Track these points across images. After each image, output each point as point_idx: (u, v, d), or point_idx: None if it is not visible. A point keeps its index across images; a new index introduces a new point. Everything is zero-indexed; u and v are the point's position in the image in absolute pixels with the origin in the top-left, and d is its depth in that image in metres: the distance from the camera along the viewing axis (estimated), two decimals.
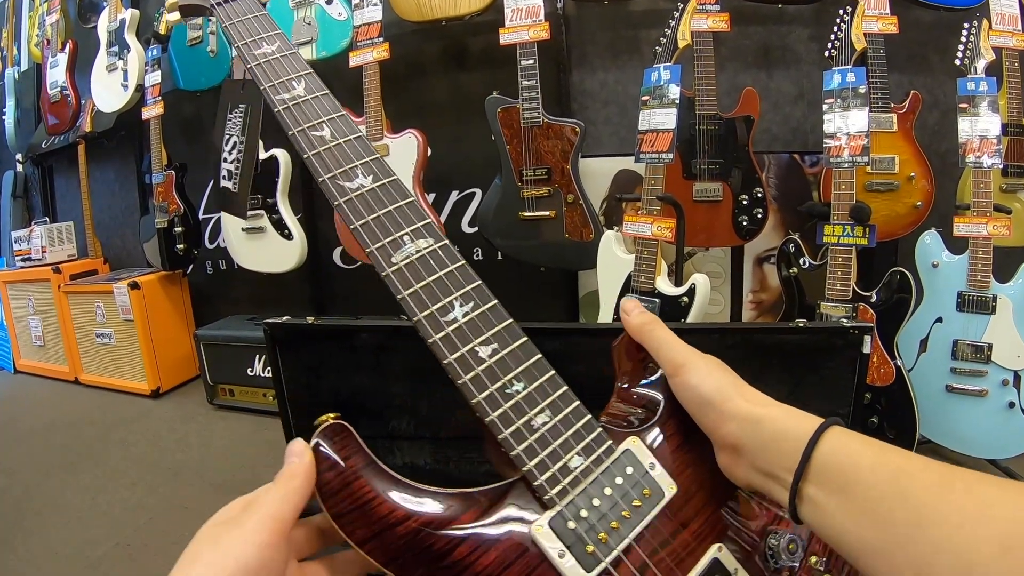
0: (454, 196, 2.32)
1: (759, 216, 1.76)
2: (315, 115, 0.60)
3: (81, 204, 3.07)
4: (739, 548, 0.50)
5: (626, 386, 0.57)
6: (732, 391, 0.49)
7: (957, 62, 1.60)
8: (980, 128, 1.53)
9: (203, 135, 2.62)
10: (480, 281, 0.55)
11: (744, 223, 1.77)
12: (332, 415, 0.53)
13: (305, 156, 0.57)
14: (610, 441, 0.51)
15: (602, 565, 0.46)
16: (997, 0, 1.69)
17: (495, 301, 0.55)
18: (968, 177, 1.58)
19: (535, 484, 0.48)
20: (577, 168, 1.83)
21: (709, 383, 0.49)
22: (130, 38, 2.56)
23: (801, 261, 1.56)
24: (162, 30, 2.45)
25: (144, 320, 2.57)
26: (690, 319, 1.47)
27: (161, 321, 2.64)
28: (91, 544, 1.52)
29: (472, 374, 0.50)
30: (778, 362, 0.91)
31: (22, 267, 3.02)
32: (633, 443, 0.52)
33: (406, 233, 0.55)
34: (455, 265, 0.55)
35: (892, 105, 1.69)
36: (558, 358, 0.92)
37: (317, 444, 0.50)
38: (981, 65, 1.57)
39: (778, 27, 2.04)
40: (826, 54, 1.56)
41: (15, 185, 3.55)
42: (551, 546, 0.46)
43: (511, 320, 0.54)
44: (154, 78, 2.50)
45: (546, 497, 0.48)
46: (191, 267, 2.74)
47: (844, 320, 1.32)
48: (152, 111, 2.48)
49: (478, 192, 2.27)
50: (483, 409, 0.49)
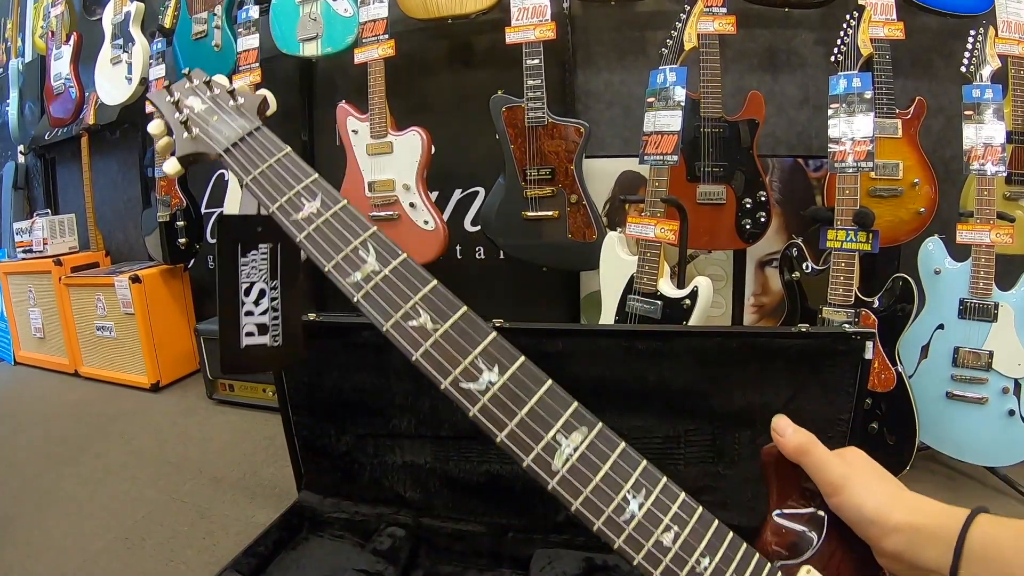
0: (457, 194, 2.32)
1: (762, 220, 1.76)
2: (399, 302, 0.54)
3: (83, 196, 3.07)
4: None
5: (786, 510, 0.58)
6: (890, 506, 0.51)
7: (963, 69, 1.59)
8: (985, 135, 1.53)
9: None
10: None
11: (747, 226, 1.77)
12: None
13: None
14: None
15: None
16: (1004, 7, 1.69)
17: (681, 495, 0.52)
18: (972, 184, 1.58)
19: None
20: (581, 168, 1.83)
21: (870, 502, 0.51)
22: (135, 31, 2.56)
23: (804, 265, 1.56)
24: (167, 23, 2.45)
25: (145, 313, 2.57)
26: (692, 322, 1.47)
27: (162, 315, 2.64)
28: (90, 536, 1.52)
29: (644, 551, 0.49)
30: (781, 366, 0.91)
31: (23, 259, 3.03)
32: (808, 573, 0.53)
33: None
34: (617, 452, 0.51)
35: (897, 111, 1.69)
36: (560, 358, 0.93)
37: None
38: (987, 72, 1.57)
39: (784, 31, 2.03)
40: (832, 59, 1.56)
41: (16, 176, 3.55)
42: None
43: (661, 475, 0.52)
44: (158, 71, 2.50)
45: None
46: (192, 261, 2.74)
47: (846, 325, 1.33)
48: None
49: (481, 191, 2.26)
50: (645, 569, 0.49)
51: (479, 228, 2.21)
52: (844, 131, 1.48)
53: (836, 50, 1.55)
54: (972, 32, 1.61)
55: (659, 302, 1.51)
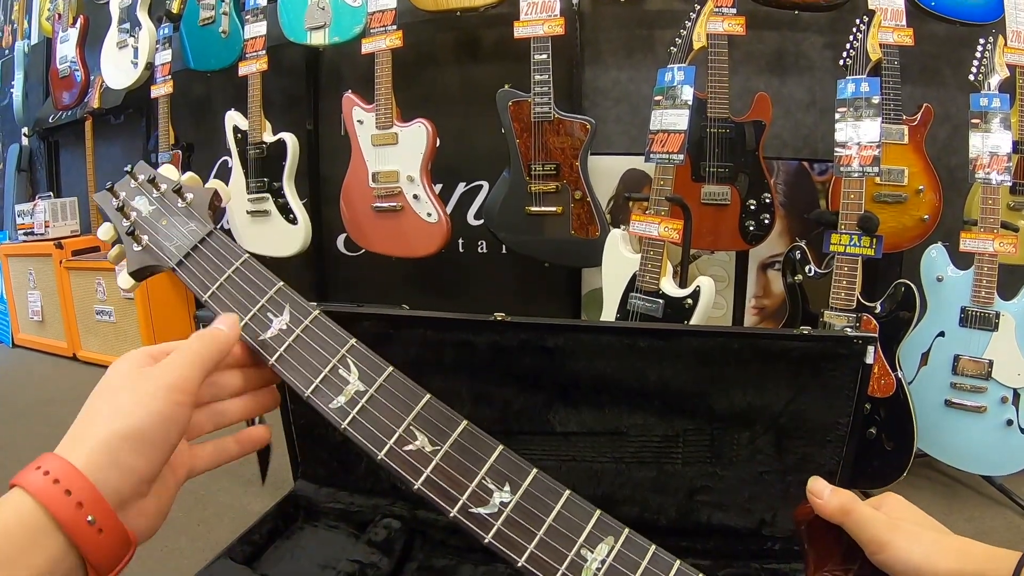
0: (461, 188, 2.31)
1: (766, 222, 1.75)
2: (391, 426, 0.50)
3: (86, 180, 3.07)
4: None
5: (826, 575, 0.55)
6: (938, 554, 0.50)
7: (971, 77, 1.59)
8: (991, 144, 1.53)
9: (211, 116, 2.61)
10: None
11: (751, 228, 1.76)
12: None
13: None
14: None
15: None
16: (1014, 17, 1.68)
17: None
18: (976, 193, 1.58)
19: None
20: (586, 165, 1.82)
21: (917, 553, 0.50)
22: (142, 16, 2.55)
23: (806, 269, 1.56)
24: (175, 8, 2.44)
25: (145, 299, 2.57)
26: (693, 321, 1.47)
27: (162, 301, 2.64)
28: None
29: None
30: (782, 368, 0.90)
31: (24, 241, 3.02)
32: None
33: None
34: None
35: (904, 117, 1.68)
36: (561, 354, 0.92)
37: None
38: (995, 81, 1.57)
39: (793, 33, 2.03)
40: (841, 63, 1.55)
41: (20, 159, 3.54)
42: None
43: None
44: (164, 56, 2.49)
45: None
46: None
47: (848, 329, 1.32)
48: (161, 90, 2.47)
49: (485, 185, 2.26)
50: None
51: (482, 222, 2.21)
52: (851, 135, 1.48)
53: (845, 54, 1.55)
54: (981, 41, 1.60)
55: (661, 301, 1.51)
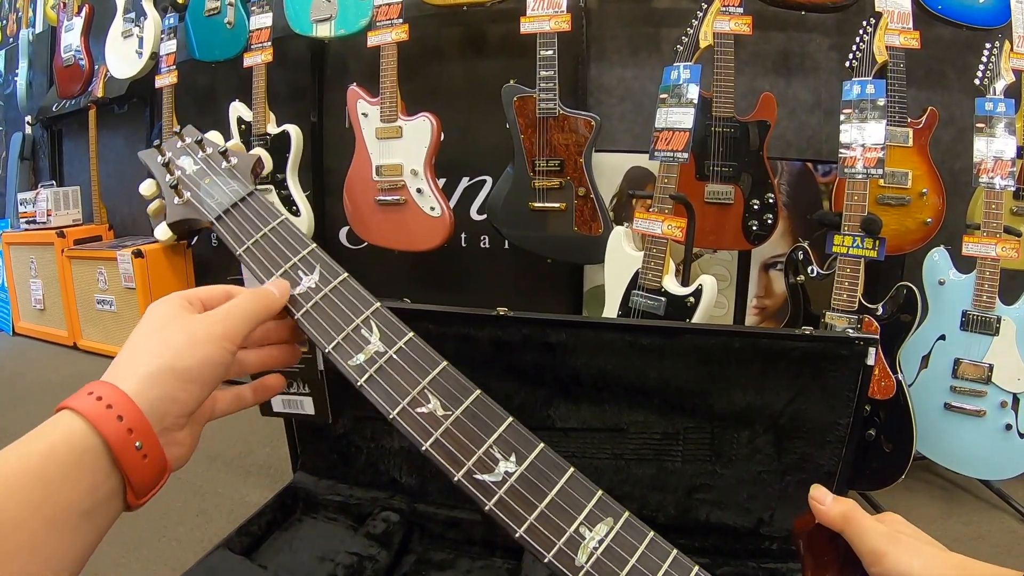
0: (464, 182, 2.31)
1: (769, 222, 1.75)
2: (406, 387, 0.51)
3: (89, 169, 3.06)
4: None
5: None
6: (938, 570, 0.50)
7: (976, 82, 1.59)
8: (995, 149, 1.52)
9: (216, 107, 2.61)
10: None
11: (754, 228, 1.76)
12: None
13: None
14: None
15: None
16: (1020, 22, 1.68)
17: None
18: (980, 197, 1.57)
19: None
20: (590, 162, 1.82)
21: (917, 565, 0.50)
22: (147, 5, 2.55)
23: (809, 269, 1.56)
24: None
25: (146, 289, 2.57)
26: (695, 320, 1.47)
27: (163, 290, 2.61)
28: None
29: None
30: (782, 368, 0.91)
31: (26, 229, 3.02)
32: None
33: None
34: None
35: (909, 120, 1.68)
36: (563, 350, 0.93)
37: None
38: (1000, 86, 1.56)
39: (799, 34, 2.02)
40: (847, 64, 1.55)
41: (23, 147, 3.54)
42: None
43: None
44: (169, 47, 2.49)
45: None
46: (196, 238, 2.74)
47: (850, 331, 1.32)
48: (165, 80, 2.47)
49: (489, 180, 2.26)
50: None
51: (485, 217, 2.21)
52: (855, 137, 1.48)
53: (851, 56, 1.55)
54: (987, 45, 1.60)
55: (663, 299, 1.51)
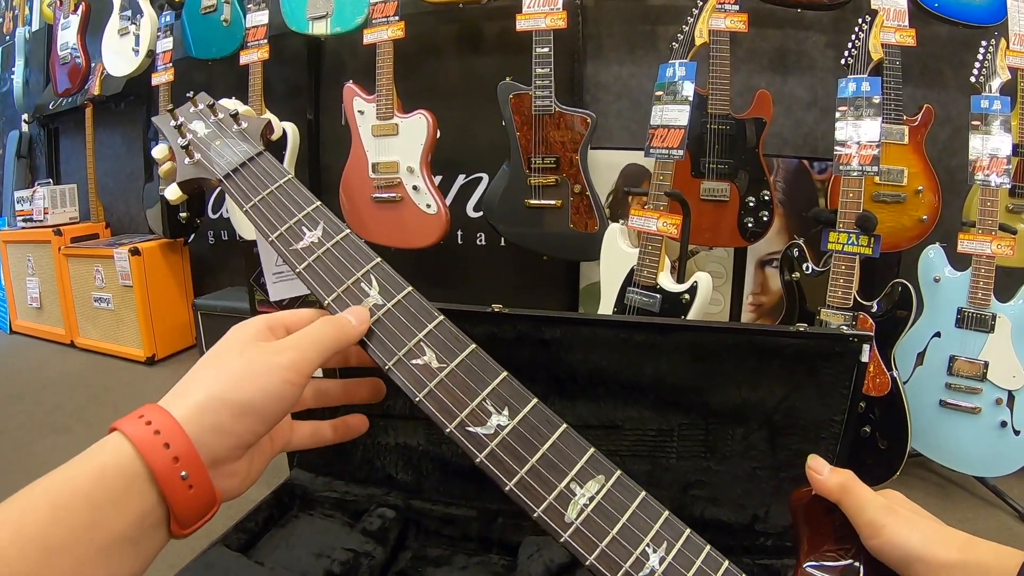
0: (460, 180, 2.32)
1: (764, 219, 1.76)
2: (403, 338, 0.51)
3: (85, 167, 3.06)
4: None
5: (818, 561, 0.54)
6: (939, 542, 0.49)
7: (972, 79, 1.59)
8: (991, 147, 1.53)
9: None
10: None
11: (749, 225, 1.77)
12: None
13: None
14: None
15: None
16: (1016, 20, 1.68)
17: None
18: (975, 195, 1.58)
19: None
20: (586, 159, 1.83)
21: (916, 538, 0.49)
22: (144, 3, 2.54)
23: (804, 266, 1.56)
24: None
25: (143, 287, 2.57)
26: (690, 317, 1.47)
27: (160, 288, 2.64)
28: None
29: None
30: (777, 364, 0.91)
31: (23, 227, 3.02)
32: None
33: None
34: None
35: (904, 117, 1.68)
36: (558, 346, 0.93)
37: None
38: (996, 84, 1.56)
39: (795, 32, 2.03)
40: (842, 62, 1.55)
41: (20, 145, 3.53)
42: None
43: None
44: (166, 44, 2.49)
45: None
46: (193, 236, 2.74)
47: (844, 328, 1.33)
48: (162, 77, 2.47)
49: (485, 177, 2.26)
50: None
51: (481, 214, 2.21)
52: (851, 134, 1.48)
53: (847, 53, 1.55)
54: (983, 43, 1.60)
55: (658, 295, 1.51)
